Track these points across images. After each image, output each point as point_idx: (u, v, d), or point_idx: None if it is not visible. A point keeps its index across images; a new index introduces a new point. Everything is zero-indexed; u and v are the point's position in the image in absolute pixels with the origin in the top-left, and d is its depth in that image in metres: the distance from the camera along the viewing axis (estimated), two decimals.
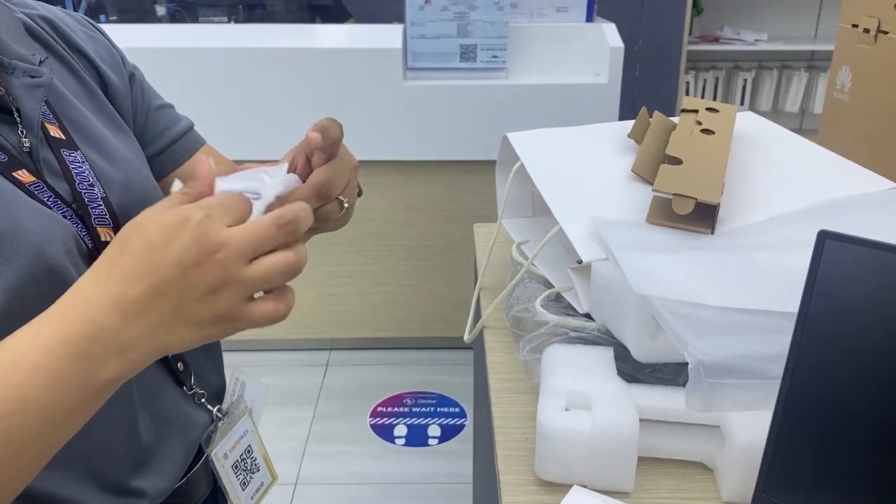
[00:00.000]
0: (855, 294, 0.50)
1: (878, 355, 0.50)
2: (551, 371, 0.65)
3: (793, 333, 0.52)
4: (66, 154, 0.60)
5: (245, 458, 0.75)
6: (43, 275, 0.52)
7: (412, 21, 2.05)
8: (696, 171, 0.76)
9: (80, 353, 0.44)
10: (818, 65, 3.57)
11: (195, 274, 0.44)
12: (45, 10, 0.68)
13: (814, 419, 0.52)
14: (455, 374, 2.27)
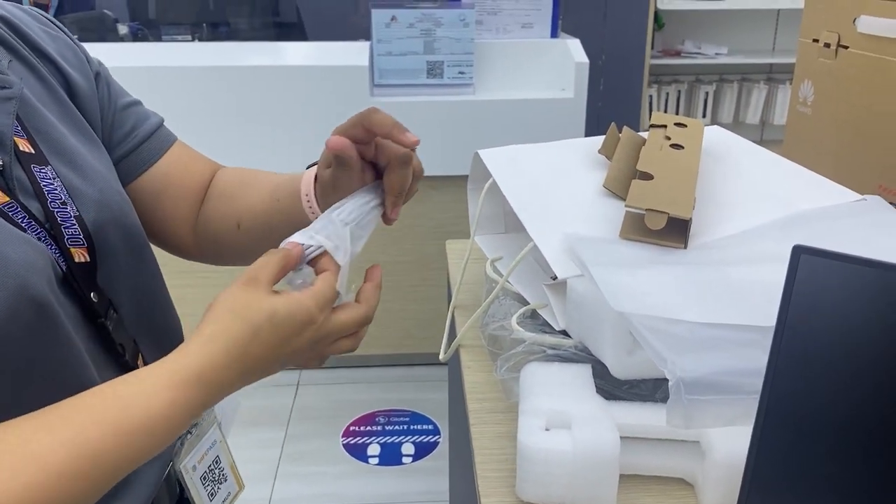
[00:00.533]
0: (831, 308, 0.50)
1: (856, 368, 0.50)
2: (530, 390, 0.64)
3: (770, 348, 0.52)
4: (36, 170, 0.57)
5: (213, 468, 0.74)
6: (27, 308, 0.51)
7: (378, 38, 2.05)
8: (667, 186, 0.77)
9: (203, 410, 0.53)
10: (777, 77, 3.65)
11: (300, 358, 0.58)
12: (3, 10, 0.64)
13: (793, 433, 0.52)
14: (428, 390, 2.26)
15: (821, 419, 0.51)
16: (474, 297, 0.96)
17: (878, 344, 0.49)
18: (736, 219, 0.77)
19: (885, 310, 0.49)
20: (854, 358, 0.50)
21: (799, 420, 0.52)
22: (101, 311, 0.59)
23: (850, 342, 0.50)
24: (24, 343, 0.50)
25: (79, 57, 0.69)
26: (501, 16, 2.20)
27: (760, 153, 0.92)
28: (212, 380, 0.51)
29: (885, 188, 0.93)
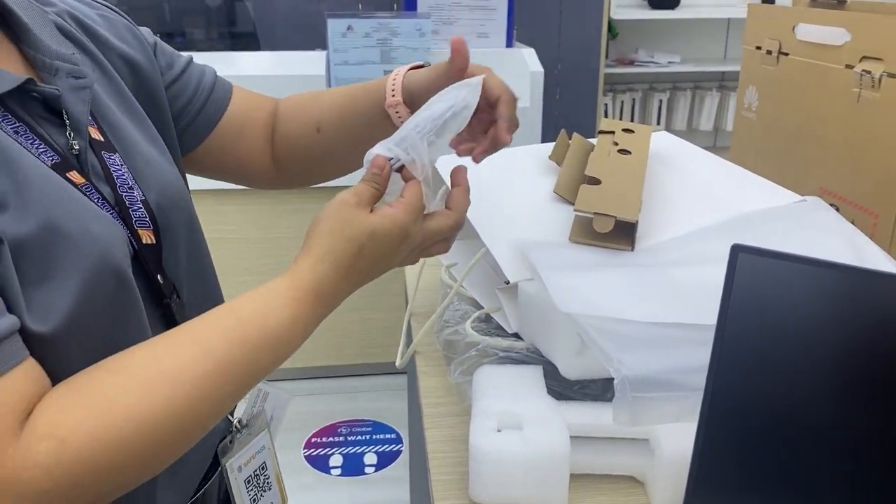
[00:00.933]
0: (769, 304, 0.52)
1: (795, 362, 0.52)
2: (482, 392, 0.65)
3: (712, 345, 0.53)
4: (106, 156, 0.60)
5: (259, 474, 0.74)
6: (109, 277, 0.53)
7: (335, 48, 2.05)
8: (614, 190, 0.79)
9: (318, 324, 0.58)
10: (728, 84, 3.73)
11: (399, 262, 0.62)
12: (65, 4, 0.67)
13: (736, 426, 0.53)
14: (390, 399, 2.25)
15: (763, 413, 0.52)
16: (431, 303, 0.97)
17: (814, 337, 0.51)
18: (681, 221, 0.79)
19: (820, 305, 0.51)
20: (793, 352, 0.52)
21: (741, 414, 0.53)
22: (167, 292, 0.62)
23: (789, 337, 0.52)
24: (106, 312, 0.53)
25: (136, 36, 0.72)
26: (457, 25, 2.22)
27: (705, 157, 0.95)
28: (325, 295, 0.56)
29: (826, 190, 0.96)
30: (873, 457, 0.50)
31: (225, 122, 0.78)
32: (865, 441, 0.50)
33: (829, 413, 0.51)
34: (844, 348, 0.50)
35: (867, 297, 0.49)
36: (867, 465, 0.50)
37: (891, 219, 0.85)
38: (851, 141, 0.90)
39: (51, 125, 0.57)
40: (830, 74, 0.93)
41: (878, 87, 0.85)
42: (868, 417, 0.49)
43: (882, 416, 0.49)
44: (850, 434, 0.50)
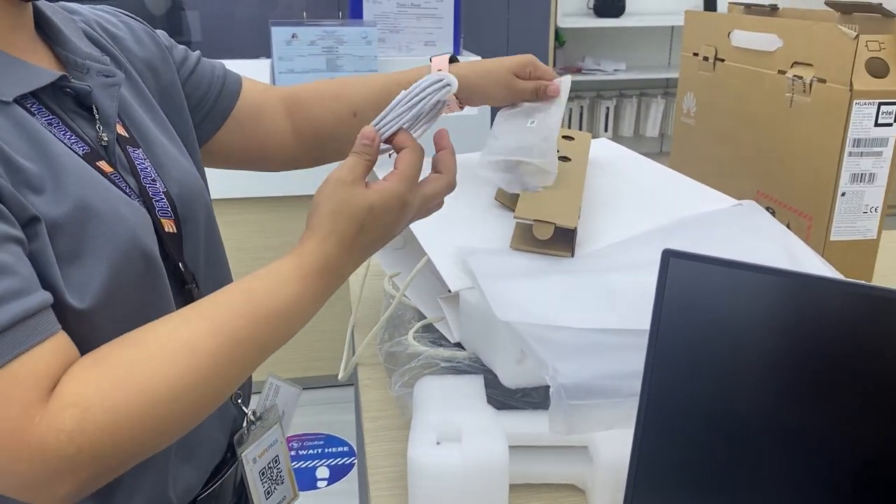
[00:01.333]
0: (700, 307, 0.52)
1: (726, 364, 0.52)
2: (422, 405, 0.64)
3: (646, 350, 0.53)
4: (130, 151, 0.64)
5: (272, 467, 0.76)
6: (138, 257, 0.57)
7: (279, 56, 2.02)
8: (554, 197, 0.78)
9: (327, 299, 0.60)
10: (673, 91, 3.80)
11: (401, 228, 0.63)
12: (91, 13, 0.72)
13: (673, 431, 0.53)
14: (343, 412, 2.23)
15: (698, 416, 0.52)
16: (374, 312, 0.96)
17: (744, 339, 0.51)
18: (620, 227, 0.79)
19: (749, 307, 0.51)
20: (725, 354, 0.52)
21: (677, 418, 0.53)
22: (188, 279, 0.66)
23: (720, 339, 0.52)
24: (136, 291, 0.57)
25: (154, 40, 0.76)
26: (404, 34, 2.22)
27: (645, 163, 0.95)
28: (331, 271, 0.59)
29: (762, 193, 0.98)
30: (807, 454, 0.50)
31: (241, 108, 0.83)
32: (798, 439, 0.50)
33: (762, 413, 0.51)
34: (774, 349, 0.50)
35: (793, 299, 0.50)
36: (801, 462, 0.50)
37: (824, 221, 0.86)
38: (785, 145, 0.92)
39: (81, 119, 0.61)
40: (764, 80, 0.95)
41: (808, 91, 0.87)
42: (799, 416, 0.50)
43: (813, 413, 0.49)
44: (782, 433, 0.50)
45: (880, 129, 0.82)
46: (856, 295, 0.48)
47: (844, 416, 0.48)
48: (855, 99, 0.81)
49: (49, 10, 0.65)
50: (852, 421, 0.48)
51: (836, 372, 0.48)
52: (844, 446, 0.49)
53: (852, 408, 0.48)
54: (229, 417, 0.74)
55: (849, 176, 0.84)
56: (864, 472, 0.48)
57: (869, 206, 0.85)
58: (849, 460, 0.49)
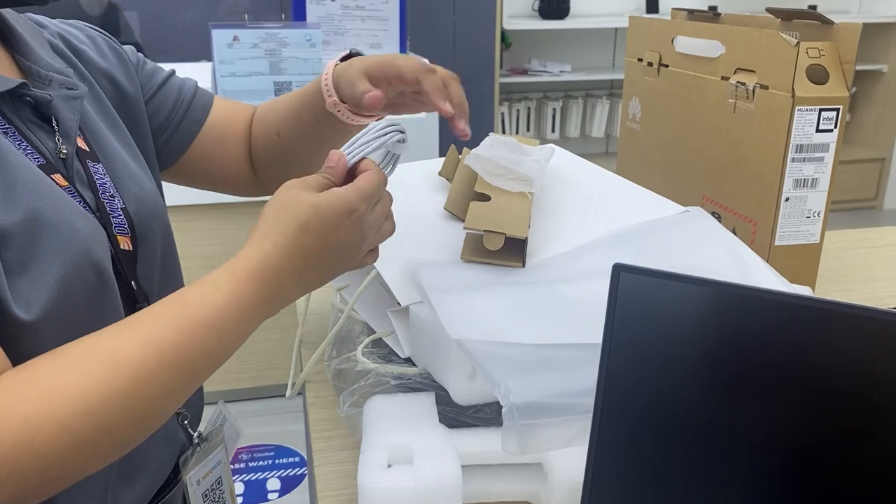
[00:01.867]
0: (650, 320, 0.52)
1: (681, 378, 0.51)
2: (372, 426, 0.62)
3: (599, 366, 0.52)
4: (90, 165, 0.63)
5: (215, 489, 0.75)
6: (90, 272, 0.56)
7: (221, 59, 1.98)
8: (503, 207, 0.77)
9: (267, 309, 0.56)
10: (617, 92, 3.85)
11: (353, 250, 0.59)
12: (56, 26, 0.72)
13: (626, 448, 0.53)
14: (293, 422, 2.19)
15: (650, 432, 0.52)
16: (323, 326, 0.93)
17: (697, 354, 0.51)
18: (571, 235, 0.79)
19: (699, 320, 0.51)
20: (678, 368, 0.51)
21: (630, 435, 0.52)
22: (140, 298, 0.64)
23: (671, 353, 0.51)
24: (85, 305, 0.56)
25: (119, 55, 0.76)
26: (349, 36, 2.19)
27: (592, 170, 0.95)
28: (269, 273, 0.55)
29: (708, 199, 0.99)
30: (761, 471, 0.50)
31: (206, 133, 0.81)
32: (753, 456, 0.50)
33: (716, 428, 0.51)
34: (726, 364, 0.50)
35: (742, 312, 0.49)
36: (755, 480, 0.50)
37: (768, 226, 0.87)
38: (729, 150, 0.93)
39: (40, 130, 0.60)
40: (707, 86, 0.96)
41: (751, 97, 0.87)
42: (755, 431, 0.50)
43: (768, 428, 0.49)
44: (730, 439, 0.50)
45: (821, 135, 0.83)
46: (794, 305, 0.48)
47: (784, 417, 0.49)
48: (797, 105, 0.82)
49: (14, 20, 0.64)
50: (789, 420, 0.49)
51: (782, 383, 0.48)
52: (783, 444, 0.49)
53: (789, 409, 0.49)
54: (176, 440, 0.72)
55: (792, 181, 0.85)
56: (798, 466, 0.49)
57: (812, 210, 0.86)
58: (787, 457, 0.49)
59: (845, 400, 0.47)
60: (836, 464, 0.48)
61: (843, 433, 0.47)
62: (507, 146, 0.84)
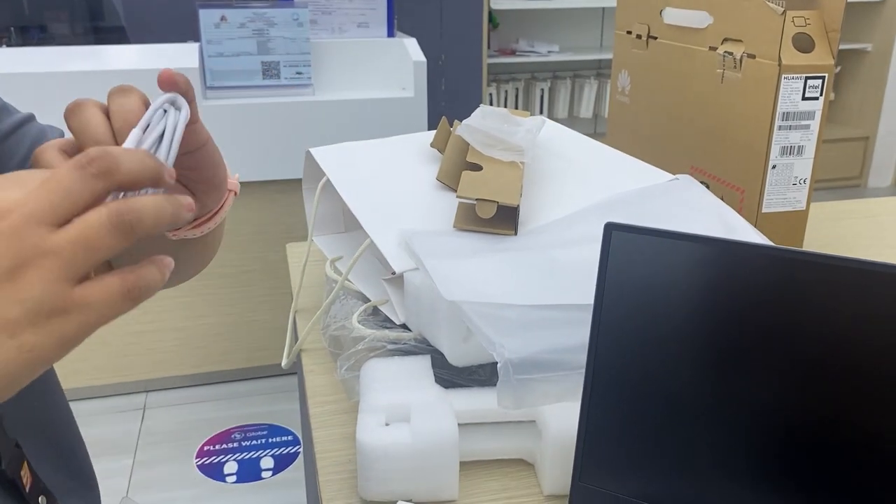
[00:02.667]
0: (642, 278, 0.53)
1: (671, 335, 0.53)
2: (369, 387, 0.63)
3: (591, 323, 0.54)
4: None
5: None
6: None
7: (208, 39, 1.97)
8: (495, 176, 0.78)
9: None
10: (605, 72, 3.85)
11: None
12: None
13: (618, 403, 0.54)
14: (286, 401, 2.20)
15: (643, 388, 0.53)
16: (317, 299, 0.94)
17: (687, 309, 0.52)
18: (561, 204, 0.80)
19: (690, 277, 0.52)
20: (668, 326, 0.53)
21: (622, 390, 0.54)
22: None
23: (664, 310, 0.53)
24: None
25: None
26: (336, 15, 2.18)
27: (583, 141, 0.96)
28: None
29: (696, 168, 1.00)
30: (749, 423, 0.51)
31: None
32: (741, 408, 0.51)
33: (706, 383, 0.52)
34: (716, 319, 0.51)
35: (732, 267, 0.51)
36: (745, 432, 0.51)
37: (755, 194, 0.89)
38: (717, 120, 0.94)
39: None
40: (696, 56, 0.97)
41: (739, 67, 0.89)
42: (743, 384, 0.51)
43: (758, 381, 0.51)
44: (726, 402, 0.52)
45: (807, 103, 0.85)
46: (789, 260, 0.49)
47: (780, 376, 0.50)
48: (783, 74, 0.83)
49: None
50: (786, 378, 0.50)
51: (773, 336, 0.50)
52: (779, 404, 0.50)
53: (785, 367, 0.50)
54: None
55: (779, 149, 0.86)
56: (794, 434, 0.50)
57: (798, 177, 0.88)
58: (781, 422, 0.50)
59: (845, 357, 0.48)
60: (831, 423, 0.49)
61: (842, 393, 0.48)
62: (499, 117, 0.85)
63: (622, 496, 0.54)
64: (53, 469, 0.59)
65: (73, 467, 0.64)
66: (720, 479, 0.51)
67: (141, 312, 2.12)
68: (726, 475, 0.51)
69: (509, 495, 0.60)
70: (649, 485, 0.53)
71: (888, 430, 0.47)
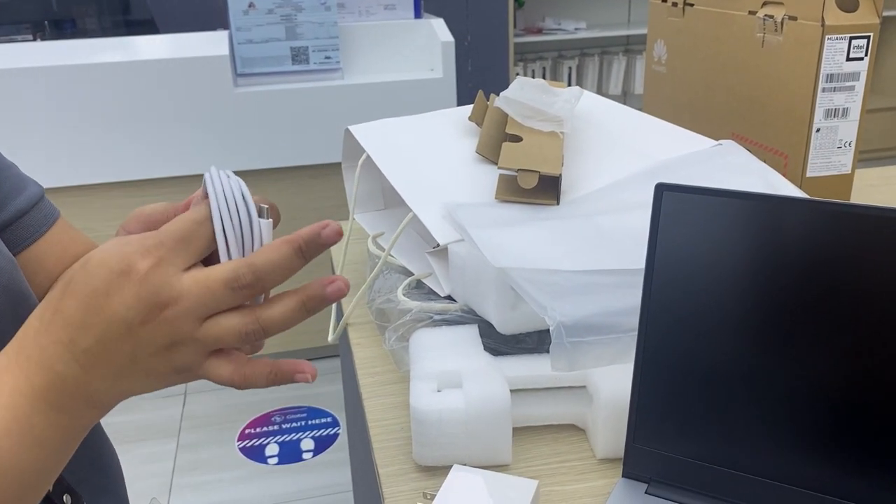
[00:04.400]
0: (694, 240, 0.53)
1: (724, 297, 0.52)
2: (419, 356, 0.64)
3: (643, 284, 0.54)
4: None
5: None
6: None
7: (237, 26, 1.98)
8: (536, 146, 0.78)
9: (51, 407, 0.41)
10: (634, 48, 3.81)
11: (143, 332, 0.40)
12: None
13: (670, 365, 0.54)
14: (324, 384, 2.23)
15: (695, 350, 0.53)
16: (359, 275, 0.95)
17: (740, 271, 0.52)
18: (603, 173, 0.79)
19: (745, 234, 0.52)
20: (721, 287, 0.52)
21: (675, 352, 0.54)
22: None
23: (716, 273, 0.52)
24: None
25: None
26: None
27: (623, 111, 0.95)
28: (27, 352, 0.41)
29: (737, 136, 0.99)
30: (802, 387, 0.51)
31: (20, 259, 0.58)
32: (794, 371, 0.51)
33: (758, 345, 0.52)
34: (769, 279, 0.51)
35: (785, 225, 0.50)
36: (797, 395, 0.51)
37: (800, 158, 0.88)
38: (758, 85, 0.93)
39: None
40: (734, 21, 0.95)
41: (780, 30, 0.87)
42: (797, 346, 0.51)
43: (812, 342, 0.50)
44: (778, 365, 0.51)
45: (852, 64, 0.83)
46: (845, 214, 0.48)
47: (837, 333, 0.49)
48: (827, 34, 0.81)
49: None
50: (843, 336, 0.49)
51: (829, 296, 0.49)
52: (835, 363, 0.50)
53: (842, 325, 0.49)
54: None
55: (823, 112, 0.85)
56: (847, 397, 0.49)
57: (843, 140, 0.86)
58: (834, 385, 0.50)
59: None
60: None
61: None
62: (537, 88, 0.85)
63: (676, 456, 0.54)
64: (79, 467, 0.58)
65: (99, 465, 0.65)
66: (772, 442, 0.51)
67: None
68: (778, 438, 0.51)
69: (562, 459, 0.60)
70: (703, 446, 0.53)
71: None
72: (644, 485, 0.55)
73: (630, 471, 0.55)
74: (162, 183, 2.04)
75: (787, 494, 0.50)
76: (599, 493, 0.57)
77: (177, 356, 0.42)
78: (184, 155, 2.00)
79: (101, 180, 1.97)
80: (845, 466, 0.49)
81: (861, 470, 0.48)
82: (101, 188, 2.00)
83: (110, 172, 1.97)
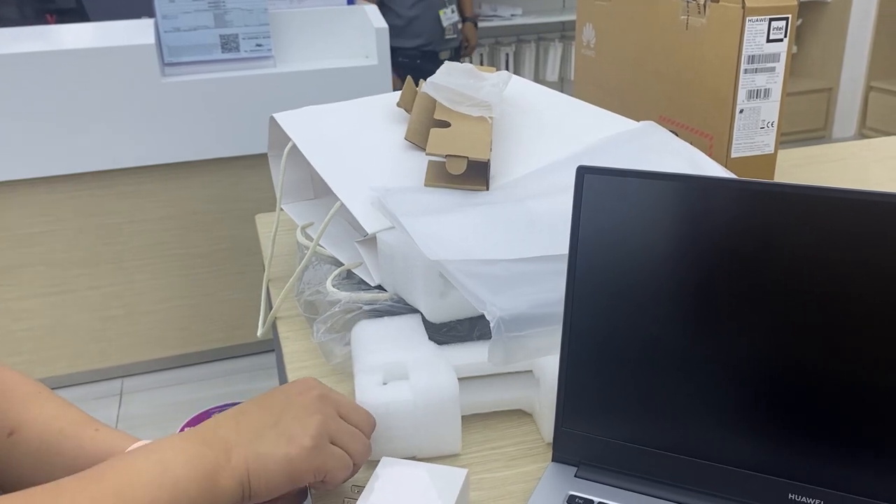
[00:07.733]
0: (618, 222, 0.53)
1: (648, 278, 0.52)
2: (363, 348, 0.63)
3: (567, 268, 0.53)
4: None
5: None
6: None
7: (163, 14, 1.91)
8: (464, 132, 0.77)
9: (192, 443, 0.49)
10: (569, 35, 3.84)
11: (297, 399, 0.53)
12: None
13: (598, 349, 0.54)
14: (263, 379, 2.19)
15: (622, 332, 0.53)
16: (290, 267, 0.93)
17: (663, 251, 0.52)
18: (532, 157, 0.79)
19: (667, 216, 0.52)
20: (645, 268, 0.52)
21: (602, 335, 0.54)
22: None
23: (640, 254, 0.52)
24: None
25: None
26: None
27: (551, 95, 0.95)
28: (202, 430, 0.50)
29: (664, 118, 1.00)
30: (728, 364, 0.51)
31: None
32: (720, 349, 0.51)
33: (684, 324, 0.52)
34: (693, 258, 0.51)
35: (707, 204, 0.50)
36: (723, 372, 0.51)
37: (724, 139, 0.89)
38: (684, 68, 0.94)
39: None
40: (660, 4, 0.96)
41: (703, 13, 0.88)
42: (722, 324, 0.51)
43: (736, 320, 0.50)
44: (704, 343, 0.51)
45: (772, 45, 0.85)
46: (766, 193, 0.49)
47: (758, 312, 0.50)
48: (747, 16, 0.83)
49: None
50: (764, 314, 0.50)
51: (751, 273, 0.50)
52: (757, 340, 0.50)
53: (763, 304, 0.50)
54: None
55: (745, 93, 0.86)
56: (773, 371, 0.50)
57: (765, 121, 0.88)
58: (759, 361, 0.50)
59: (827, 291, 0.47)
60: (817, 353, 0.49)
61: (821, 325, 0.48)
62: (464, 72, 0.84)
63: (605, 438, 0.54)
64: None
65: None
66: (699, 422, 0.51)
67: (113, 297, 2.09)
68: (706, 417, 0.51)
69: (511, 442, 0.60)
70: (631, 428, 0.53)
71: (866, 361, 0.47)
72: (573, 468, 0.55)
73: (560, 455, 0.55)
74: (87, 178, 1.97)
75: (716, 473, 0.51)
76: (532, 479, 0.57)
77: (310, 420, 0.51)
78: (110, 148, 1.93)
79: (22, 176, 1.89)
80: (774, 443, 0.49)
81: (789, 446, 0.49)
82: (22, 184, 1.92)
83: (32, 168, 1.89)
